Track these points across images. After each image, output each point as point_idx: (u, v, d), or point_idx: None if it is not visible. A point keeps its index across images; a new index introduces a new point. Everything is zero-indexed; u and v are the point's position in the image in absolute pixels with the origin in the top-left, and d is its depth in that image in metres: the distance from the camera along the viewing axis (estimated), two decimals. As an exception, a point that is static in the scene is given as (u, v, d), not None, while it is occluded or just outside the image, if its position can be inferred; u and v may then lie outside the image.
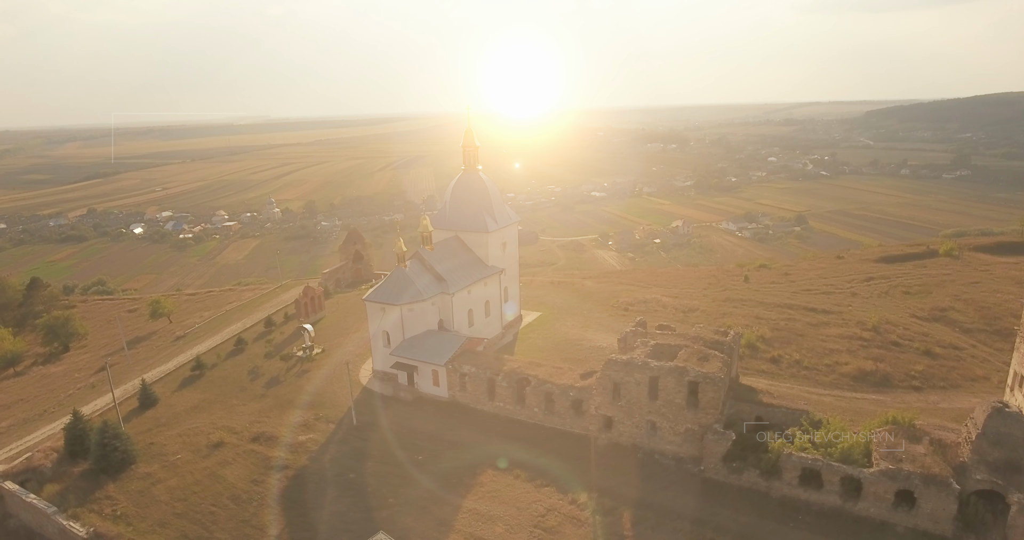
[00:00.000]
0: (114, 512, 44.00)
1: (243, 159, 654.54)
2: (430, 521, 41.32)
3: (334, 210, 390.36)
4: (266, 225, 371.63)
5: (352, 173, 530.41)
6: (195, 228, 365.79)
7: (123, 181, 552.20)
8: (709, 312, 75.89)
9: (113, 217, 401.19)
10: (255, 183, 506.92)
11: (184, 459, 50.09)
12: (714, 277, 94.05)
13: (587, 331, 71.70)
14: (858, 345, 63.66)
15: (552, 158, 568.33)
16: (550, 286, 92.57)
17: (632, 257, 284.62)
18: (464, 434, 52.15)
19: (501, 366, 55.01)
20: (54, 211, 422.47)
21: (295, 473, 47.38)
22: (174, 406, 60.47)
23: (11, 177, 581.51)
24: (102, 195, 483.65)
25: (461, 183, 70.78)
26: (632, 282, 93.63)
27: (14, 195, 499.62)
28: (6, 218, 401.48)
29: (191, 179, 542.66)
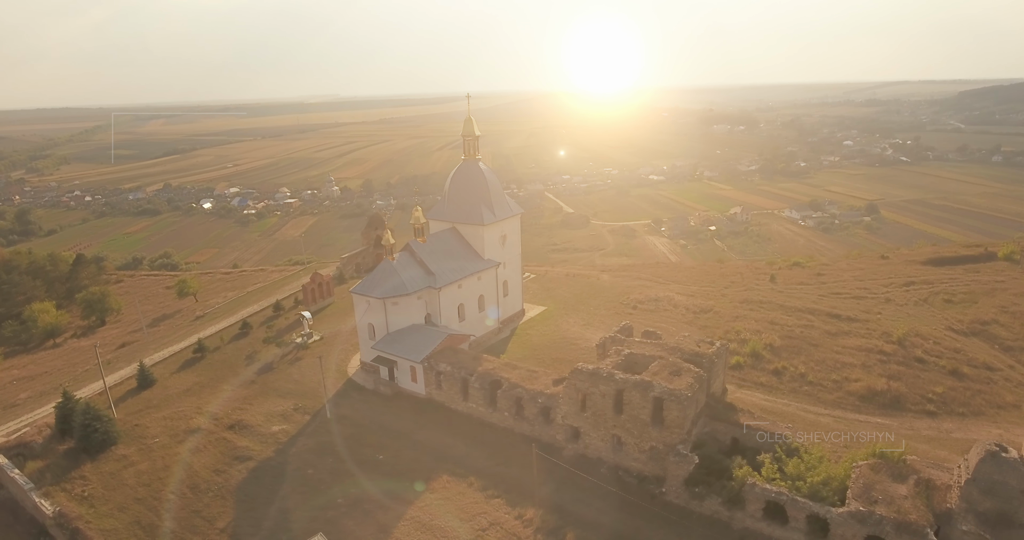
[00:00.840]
0: (82, 493, 45.67)
1: (310, 137, 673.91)
2: (371, 526, 40.58)
3: (390, 189, 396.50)
4: (324, 203, 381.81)
5: (412, 152, 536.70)
6: (259, 204, 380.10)
7: (198, 157, 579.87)
8: (722, 314, 71.41)
9: (186, 192, 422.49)
10: (319, 161, 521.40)
11: (160, 443, 51.46)
12: (739, 275, 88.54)
13: (588, 330, 68.94)
14: (876, 360, 58.12)
15: (613, 139, 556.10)
16: (564, 278, 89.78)
17: (684, 244, 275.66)
18: (431, 435, 51.09)
19: (476, 366, 53.39)
20: (134, 185, 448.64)
21: (257, 465, 47.72)
22: (169, 388, 62.42)
23: (100, 152, 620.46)
24: (178, 171, 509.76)
25: (460, 173, 68.90)
26: (650, 277, 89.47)
27: (102, 169, 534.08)
28: (92, 191, 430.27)
29: (260, 156, 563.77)
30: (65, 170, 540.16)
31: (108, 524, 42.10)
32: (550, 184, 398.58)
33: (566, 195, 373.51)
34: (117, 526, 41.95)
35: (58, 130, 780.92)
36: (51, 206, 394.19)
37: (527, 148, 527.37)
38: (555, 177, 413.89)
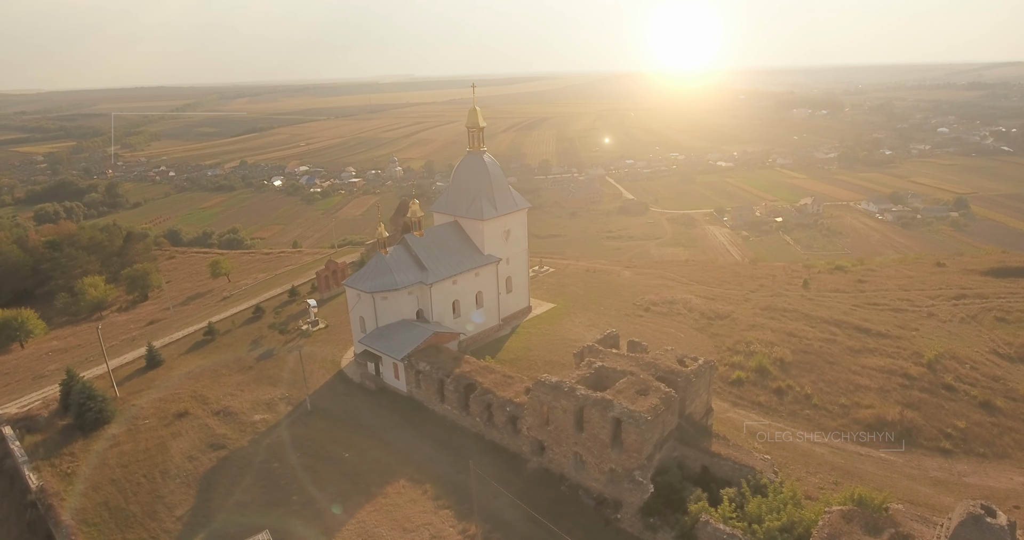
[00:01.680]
0: (67, 469, 47.93)
1: (380, 117, 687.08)
2: (316, 528, 40.32)
3: (451, 171, 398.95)
4: (387, 183, 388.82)
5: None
6: (325, 183, 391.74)
7: (275, 136, 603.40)
8: (738, 321, 66.80)
9: (260, 169, 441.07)
10: (386, 141, 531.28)
11: (148, 425, 53.34)
12: (770, 278, 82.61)
13: (591, 331, 66.10)
14: (896, 384, 52.59)
15: (683, 123, 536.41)
16: (582, 274, 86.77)
17: (747, 236, 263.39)
18: (402, 435, 50.39)
19: (454, 367, 52.06)
20: (214, 162, 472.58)
21: (228, 454, 48.54)
22: (173, 370, 64.73)
23: (186, 129, 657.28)
24: (255, 148, 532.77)
25: (463, 166, 67.09)
26: (675, 277, 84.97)
27: (187, 146, 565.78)
28: (175, 167, 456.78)
29: (332, 135, 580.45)
30: (155, 146, 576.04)
31: (79, 503, 43.94)
32: (612, 169, 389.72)
33: (628, 181, 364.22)
34: (87, 506, 43.70)
35: (152, 108, 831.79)
36: (139, 180, 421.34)
37: (592, 131, 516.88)
38: (618, 162, 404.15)
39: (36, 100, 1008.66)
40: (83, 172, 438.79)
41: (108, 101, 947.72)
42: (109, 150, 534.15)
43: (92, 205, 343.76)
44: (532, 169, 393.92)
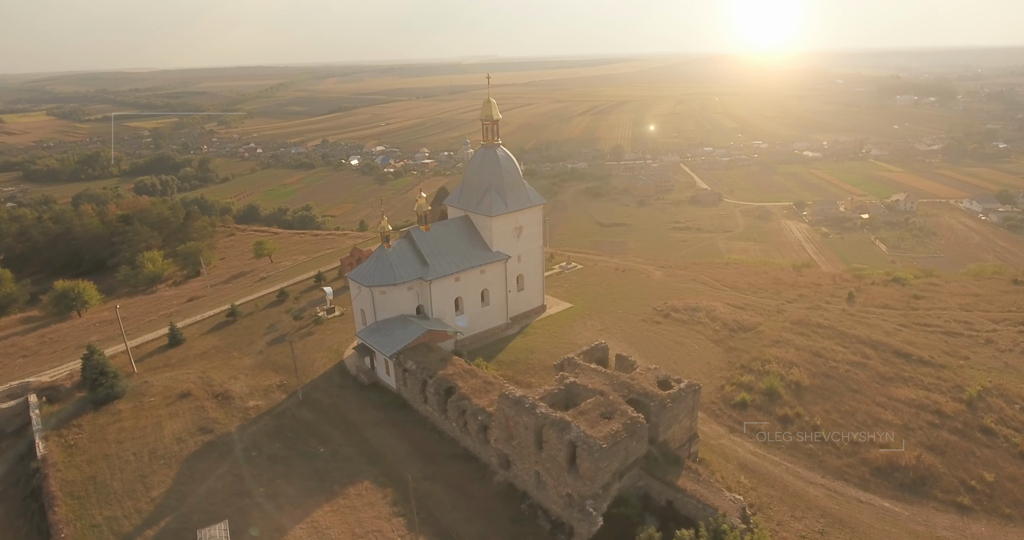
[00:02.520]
0: (71, 441, 50.84)
1: (460, 98, 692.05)
2: (271, 524, 40.64)
3: (522, 154, 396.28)
4: (458, 165, 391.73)
5: (552, 116, 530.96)
6: (399, 163, 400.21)
7: (357, 115, 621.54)
8: (763, 336, 61.80)
9: (339, 148, 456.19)
10: (462, 122, 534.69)
11: (152, 403, 55.76)
12: (814, 287, 75.94)
13: (601, 336, 63.04)
14: (925, 422, 46.81)
15: (770, 108, 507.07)
16: (609, 273, 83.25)
17: (826, 233, 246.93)
18: (380, 433, 50.09)
19: (438, 368, 51.00)
20: (298, 140, 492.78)
21: (214, 439, 49.89)
22: (191, 349, 67.50)
23: (277, 108, 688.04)
24: (338, 127, 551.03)
25: (476, 160, 65.20)
26: (707, 280, 79.86)
27: (276, 124, 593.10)
28: (263, 144, 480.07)
29: (411, 115, 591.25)
30: (248, 123, 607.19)
31: (71, 475, 46.47)
32: (688, 156, 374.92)
33: (703, 169, 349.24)
34: (77, 478, 46.13)
35: (249, 86, 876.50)
36: (229, 156, 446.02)
37: (671, 116, 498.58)
38: (695, 149, 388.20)
39: (149, 78, 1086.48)
40: (181, 147, 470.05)
41: (210, 80, 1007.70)
42: (206, 127, 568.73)
43: (185, 179, 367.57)
44: (604, 154, 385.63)
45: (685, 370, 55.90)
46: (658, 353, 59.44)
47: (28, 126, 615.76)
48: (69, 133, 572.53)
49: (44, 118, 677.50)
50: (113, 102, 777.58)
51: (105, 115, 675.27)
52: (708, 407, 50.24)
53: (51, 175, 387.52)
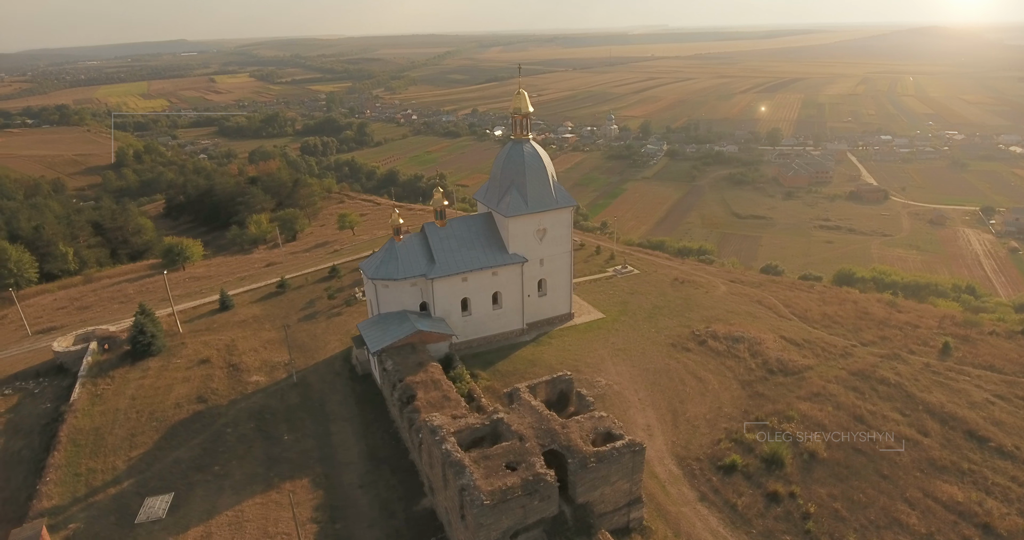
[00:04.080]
0: (98, 391, 56.91)
1: (616, 71, 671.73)
2: (206, 504, 42.22)
3: (666, 134, 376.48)
4: (598, 141, 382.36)
5: (711, 93, 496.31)
6: (540, 136, 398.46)
7: (512, 85, 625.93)
8: (803, 384, 52.47)
9: (487, 118, 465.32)
10: (613, 96, 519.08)
11: (176, 365, 60.75)
12: (907, 329, 62.67)
13: (615, 359, 57.74)
14: (960, 536, 36.50)
15: (978, 91, 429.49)
16: (665, 283, 75.59)
17: (1016, 248, 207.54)
18: (345, 429, 50.11)
19: (410, 373, 49.46)
20: (452, 108, 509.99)
21: (204, 410, 53.06)
22: (236, 315, 72.45)
23: (440, 76, 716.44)
24: (491, 97, 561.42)
25: (502, 155, 61.36)
26: (775, 303, 69.37)
27: (436, 91, 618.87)
28: (419, 111, 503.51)
29: (564, 87, 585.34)
30: (411, 90, 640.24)
31: (83, 423, 52.05)
32: (859, 145, 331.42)
33: (874, 161, 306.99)
34: (85, 427, 51.55)
35: (419, 54, 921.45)
36: (387, 121, 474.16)
37: (849, 97, 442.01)
38: (869, 137, 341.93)
39: (335, 44, 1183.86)
40: (348, 111, 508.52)
41: (387, 47, 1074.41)
42: (373, 92, 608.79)
43: (344, 141, 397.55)
44: (758, 138, 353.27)
45: (686, 414, 49.07)
46: (667, 387, 52.80)
47: (233, 86, 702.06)
48: (262, 94, 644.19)
49: (247, 80, 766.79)
50: (303, 66, 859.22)
51: (293, 78, 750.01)
52: (687, 463, 43.58)
53: (239, 132, 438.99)
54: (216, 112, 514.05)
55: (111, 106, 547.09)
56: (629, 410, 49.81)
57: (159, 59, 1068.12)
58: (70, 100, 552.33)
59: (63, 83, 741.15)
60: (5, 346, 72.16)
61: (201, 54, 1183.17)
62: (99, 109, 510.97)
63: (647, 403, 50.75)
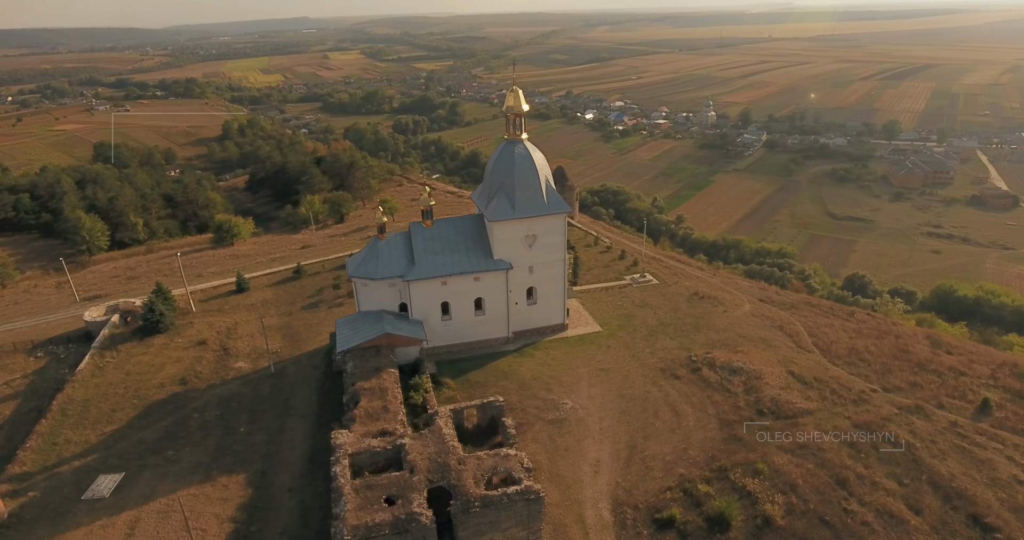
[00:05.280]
0: (104, 363, 60.68)
1: (725, 53, 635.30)
2: (147, 488, 43.58)
3: (770, 123, 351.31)
4: (692, 128, 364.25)
5: (827, 80, 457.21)
6: (631, 121, 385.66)
7: (612, 67, 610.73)
8: (796, 430, 46.46)
9: (579, 100, 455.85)
10: (717, 81, 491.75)
11: (176, 344, 63.65)
12: (951, 374, 53.81)
13: (588, 383, 53.93)
14: None
15: None
16: (682, 297, 69.96)
17: None
18: (299, 427, 50.25)
19: (365, 378, 48.63)
20: (547, 89, 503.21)
21: (181, 393, 55.13)
22: (249, 298, 74.93)
23: (541, 55, 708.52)
24: (589, 78, 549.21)
25: (495, 155, 58.57)
26: (799, 331, 62.00)
27: (535, 71, 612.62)
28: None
29: (666, 70, 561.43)
30: (510, 70, 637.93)
31: (78, 394, 55.64)
32: (994, 142, 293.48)
33: (1008, 161, 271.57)
34: (78, 398, 55.01)
35: (524, 32, 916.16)
36: (480, 101, 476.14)
37: (991, 87, 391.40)
38: (1009, 133, 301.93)
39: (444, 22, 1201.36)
40: (445, 90, 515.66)
41: (493, 25, 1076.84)
42: (473, 71, 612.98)
43: (435, 120, 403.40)
44: (872, 130, 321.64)
45: (645, 452, 44.85)
46: (637, 418, 48.60)
47: (343, 63, 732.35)
48: (369, 71, 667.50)
49: (357, 57, 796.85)
50: (411, 44, 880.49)
51: (400, 56, 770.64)
52: (623, 510, 39.69)
53: (341, 108, 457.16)
54: (323, 88, 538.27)
55: (233, 80, 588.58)
56: (584, 440, 46.27)
57: (282, 36, 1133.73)
58: (200, 73, 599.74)
59: (196, 57, 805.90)
60: (55, 310, 78.90)
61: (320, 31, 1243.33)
62: (222, 83, 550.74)
63: (608, 434, 46.93)
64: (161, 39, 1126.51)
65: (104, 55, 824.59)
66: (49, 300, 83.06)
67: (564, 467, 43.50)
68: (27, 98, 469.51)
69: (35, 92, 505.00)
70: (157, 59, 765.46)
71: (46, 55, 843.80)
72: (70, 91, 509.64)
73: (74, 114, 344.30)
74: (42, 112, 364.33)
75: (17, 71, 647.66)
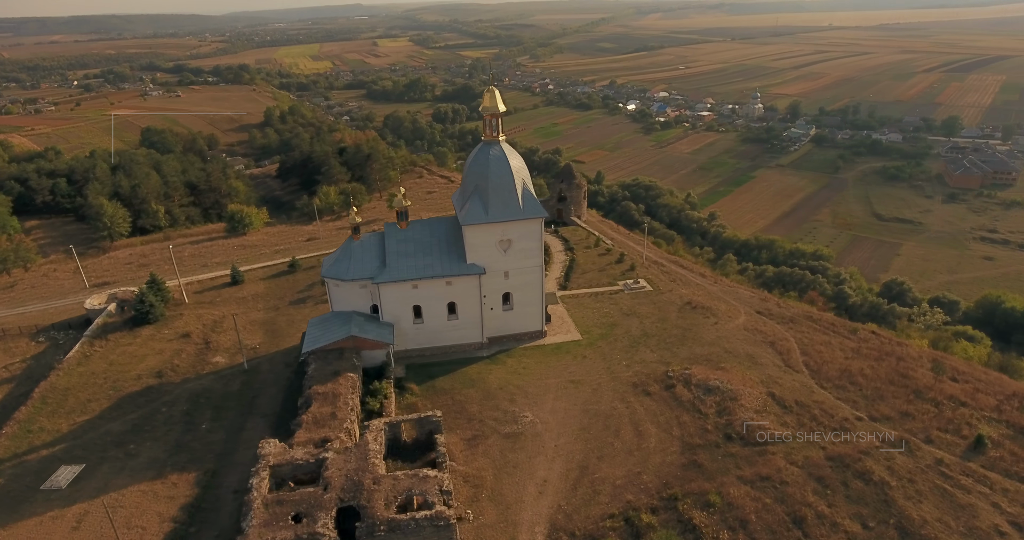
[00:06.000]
0: (90, 352, 62.32)
1: (781, 42, 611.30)
2: (102, 481, 44.04)
3: (821, 116, 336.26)
4: (737, 121, 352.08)
5: (887, 71, 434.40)
6: (674, 113, 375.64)
7: (661, 56, 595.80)
8: (760, 462, 43.73)
9: (623, 90, 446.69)
10: (769, 71, 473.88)
11: (162, 336, 64.85)
12: (951, 404, 49.64)
13: (554, 395, 52.20)
14: None
15: None
16: (673, 305, 66.97)
17: None
18: (258, 426, 50.14)
19: (319, 382, 48.21)
20: (591, 79, 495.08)
21: (156, 385, 56.02)
22: (241, 291, 75.83)
23: (589, 44, 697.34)
24: (635, 68, 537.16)
25: (472, 157, 56.75)
26: (790, 349, 58.43)
27: (580, 60, 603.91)
28: (557, 80, 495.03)
29: (716, 59, 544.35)
30: (556, 58, 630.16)
31: (60, 382, 57.21)
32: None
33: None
34: (59, 386, 56.47)
35: (573, 20, 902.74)
36: (523, 90, 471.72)
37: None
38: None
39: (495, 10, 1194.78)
40: (488, 78, 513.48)
41: (543, 12, 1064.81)
42: (518, 60, 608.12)
43: (475, 109, 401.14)
44: (931, 126, 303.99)
45: (596, 474, 42.91)
46: (596, 437, 46.66)
47: (391, 50, 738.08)
48: (415, 58, 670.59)
49: (405, 44, 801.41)
50: (459, 31, 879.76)
51: (447, 44, 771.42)
52: (556, 538, 37.97)
53: (384, 95, 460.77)
54: (368, 75, 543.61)
55: (284, 67, 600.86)
56: (536, 457, 44.67)
57: (335, 22, 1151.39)
58: (253, 60, 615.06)
59: (251, 44, 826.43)
60: (66, 295, 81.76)
61: (371, 18, 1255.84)
62: (272, 69, 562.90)
63: (562, 452, 45.18)
64: (220, 25, 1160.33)
65: (165, 41, 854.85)
66: (63, 285, 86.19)
67: (509, 485, 42.09)
68: (91, 82, 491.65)
69: (99, 77, 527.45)
70: (214, 45, 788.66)
71: (112, 41, 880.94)
72: (130, 76, 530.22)
73: (129, 99, 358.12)
74: (100, 97, 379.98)
75: (84, 56, 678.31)
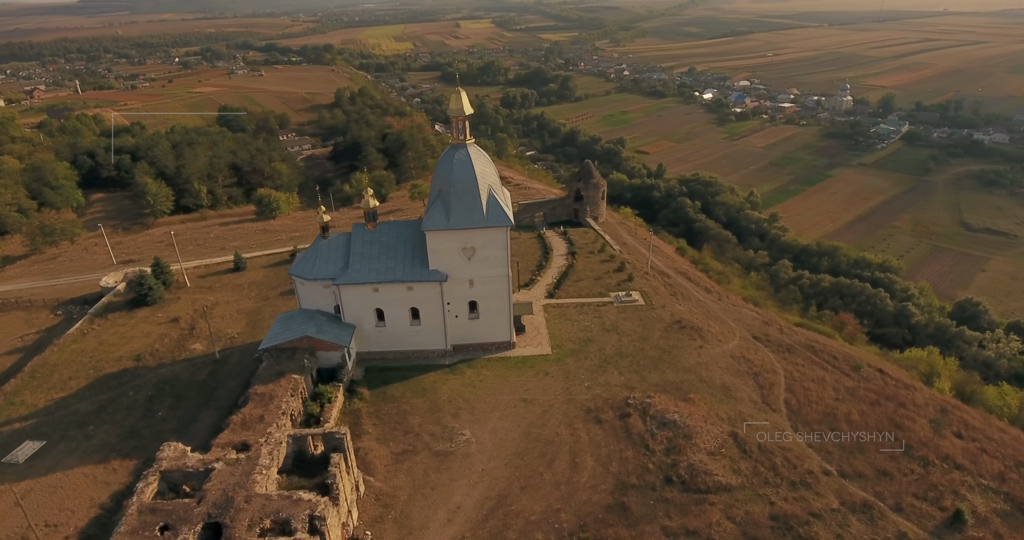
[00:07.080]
0: (88, 330, 65.67)
1: (885, 28, 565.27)
2: (53, 461, 46.35)
3: (917, 112, 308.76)
4: (821, 114, 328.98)
5: (1002, 63, 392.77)
6: (753, 103, 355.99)
7: (749, 42, 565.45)
8: (697, 512, 40.20)
9: (702, 78, 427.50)
10: (865, 60, 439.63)
11: (154, 319, 67.43)
12: (942, 467, 43.68)
13: (500, 414, 50.21)
14: None
15: None
16: (657, 325, 62.82)
17: None
18: (208, 418, 51.00)
19: (263, 381, 48.37)
20: (670, 65, 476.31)
21: (132, 368, 58.17)
22: (242, 277, 77.69)
23: (673, 28, 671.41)
24: (720, 54, 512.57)
25: (439, 161, 54.52)
26: (774, 383, 53.27)
27: (662, 45, 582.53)
28: (633, 65, 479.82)
29: (808, 46, 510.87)
30: (637, 43, 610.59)
31: (52, 358, 60.58)
32: None
33: None
34: (51, 362, 59.89)
35: (659, 3, 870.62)
36: (597, 75, 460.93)
37: None
38: None
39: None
40: (563, 62, 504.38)
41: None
42: (596, 44, 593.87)
43: (545, 94, 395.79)
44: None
45: (513, 506, 40.76)
46: (529, 464, 44.41)
47: (472, 32, 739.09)
48: (495, 40, 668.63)
49: (487, 26, 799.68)
50: (542, 13, 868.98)
51: (528, 26, 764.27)
52: (447, 572, 36.33)
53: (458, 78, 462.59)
54: (446, 57, 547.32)
55: (366, 47, 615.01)
56: (458, 481, 42.97)
57: (421, 3, 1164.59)
58: (339, 40, 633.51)
59: (340, 24, 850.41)
60: (94, 270, 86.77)
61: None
62: (355, 50, 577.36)
63: (486, 478, 43.24)
64: (313, 5, 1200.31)
65: (261, 20, 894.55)
66: (96, 260, 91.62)
67: (420, 508, 40.72)
68: (190, 60, 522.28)
69: (197, 54, 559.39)
70: (305, 25, 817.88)
71: (214, 19, 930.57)
72: (225, 54, 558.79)
73: (216, 77, 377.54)
74: (193, 74, 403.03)
75: (187, 34, 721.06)
